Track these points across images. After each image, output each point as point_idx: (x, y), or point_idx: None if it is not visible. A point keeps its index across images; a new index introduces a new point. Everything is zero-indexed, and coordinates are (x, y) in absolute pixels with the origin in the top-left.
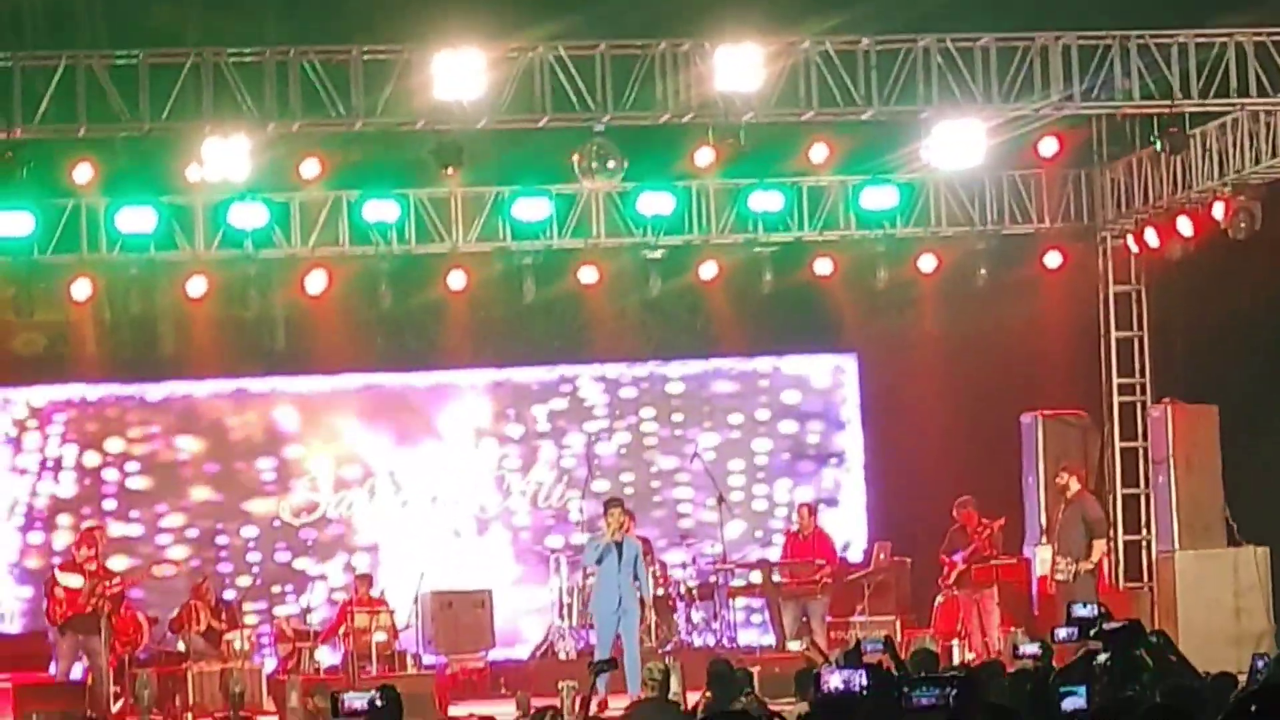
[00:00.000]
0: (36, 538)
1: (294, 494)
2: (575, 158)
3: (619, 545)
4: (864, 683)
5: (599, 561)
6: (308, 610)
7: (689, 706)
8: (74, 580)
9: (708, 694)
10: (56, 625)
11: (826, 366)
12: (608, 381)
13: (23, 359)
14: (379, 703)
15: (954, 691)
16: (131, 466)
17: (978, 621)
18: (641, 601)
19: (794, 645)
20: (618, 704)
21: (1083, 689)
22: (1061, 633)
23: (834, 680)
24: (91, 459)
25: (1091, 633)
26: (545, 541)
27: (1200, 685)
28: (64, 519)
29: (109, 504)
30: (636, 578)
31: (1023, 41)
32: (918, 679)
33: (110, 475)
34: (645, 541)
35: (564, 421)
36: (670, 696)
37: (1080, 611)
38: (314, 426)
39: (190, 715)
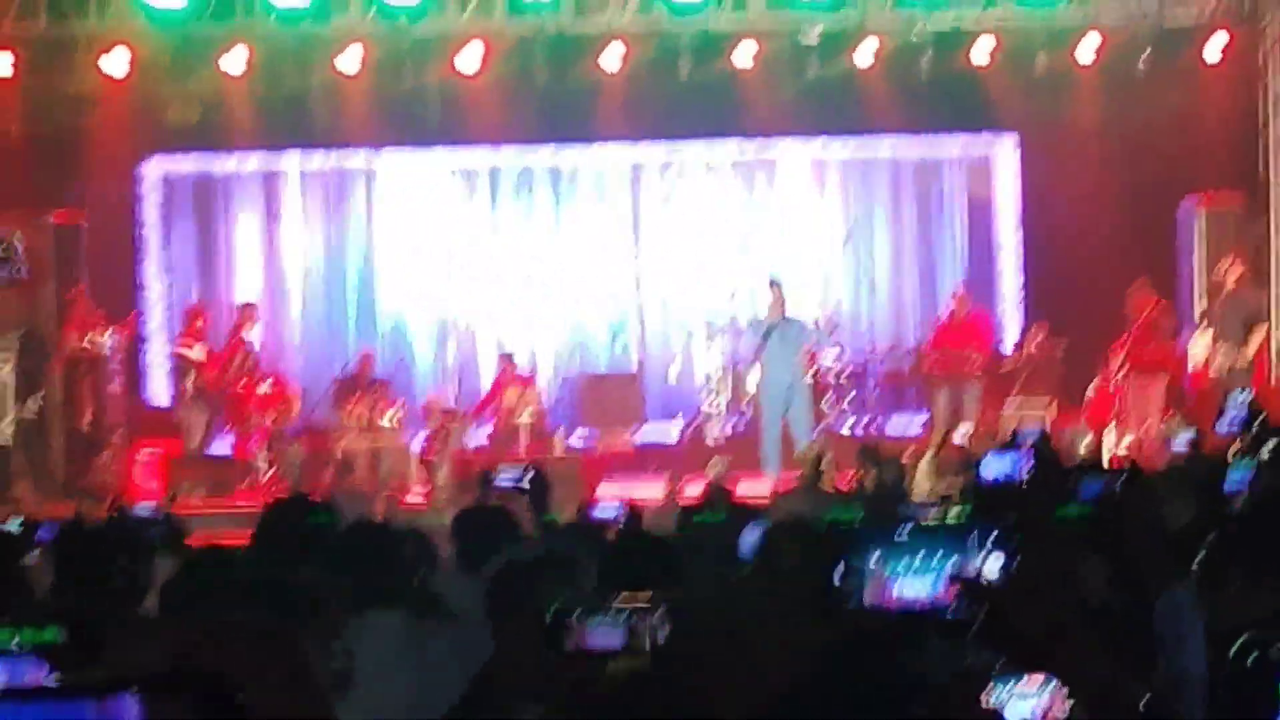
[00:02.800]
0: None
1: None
2: None
3: (782, 324)
4: (1026, 471)
5: (765, 347)
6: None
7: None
8: (197, 353)
9: (862, 474)
10: (183, 400)
11: (985, 149)
12: (758, 162)
13: (176, 129)
14: (526, 484)
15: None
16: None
17: (1144, 407)
18: None
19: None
20: (751, 486)
21: (1247, 466)
22: (1222, 424)
23: (995, 466)
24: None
25: (1256, 424)
26: (697, 320)
27: None
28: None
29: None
30: (799, 354)
31: None
32: (1083, 468)
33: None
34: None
35: (715, 200)
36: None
37: (1239, 399)
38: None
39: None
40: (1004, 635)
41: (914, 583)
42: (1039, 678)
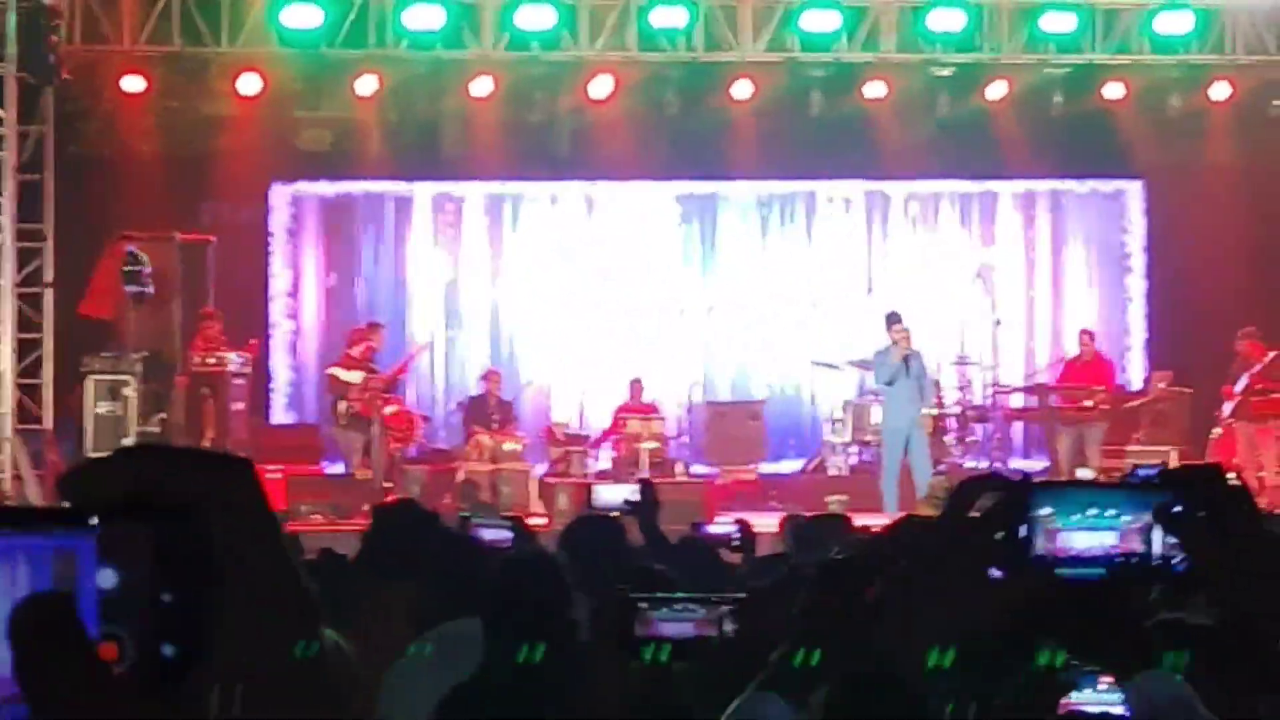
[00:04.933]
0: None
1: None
2: None
3: (906, 360)
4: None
5: (890, 382)
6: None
7: None
8: (353, 376)
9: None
10: (341, 424)
11: (1114, 192)
12: (887, 197)
13: (308, 154)
14: (635, 498)
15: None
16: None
17: (1255, 456)
18: None
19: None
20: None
21: None
22: None
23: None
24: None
25: None
26: (823, 354)
27: None
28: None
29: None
30: (923, 391)
31: None
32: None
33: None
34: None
35: (845, 235)
36: None
37: None
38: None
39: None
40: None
41: (1088, 536)
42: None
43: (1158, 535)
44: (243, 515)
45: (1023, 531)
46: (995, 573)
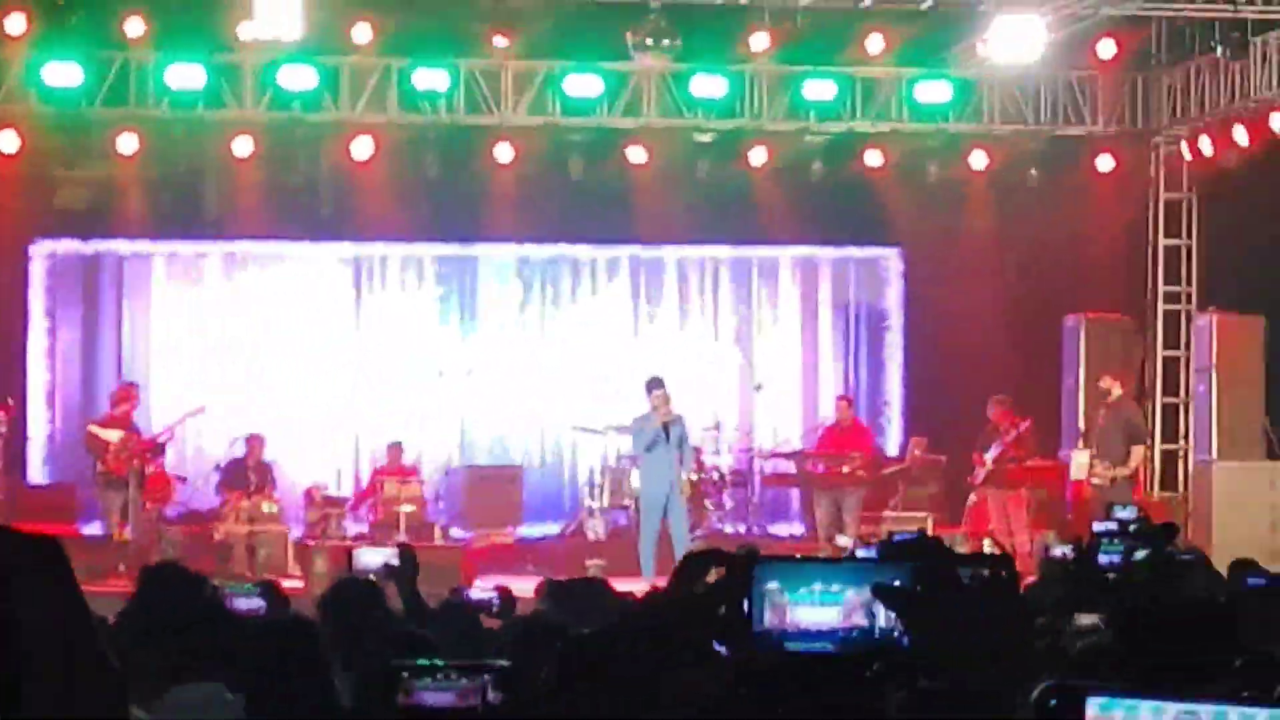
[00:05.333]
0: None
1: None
2: (630, 34)
3: (666, 426)
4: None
5: (649, 448)
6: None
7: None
8: (112, 435)
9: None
10: (100, 483)
11: (873, 258)
12: (648, 262)
13: (67, 212)
14: (394, 561)
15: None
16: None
17: (1006, 523)
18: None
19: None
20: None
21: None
22: (1099, 526)
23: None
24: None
25: (1131, 529)
26: (584, 419)
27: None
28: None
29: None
30: (682, 458)
31: None
32: (964, 556)
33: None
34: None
35: (606, 300)
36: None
37: (1120, 514)
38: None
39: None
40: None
41: (815, 611)
42: None
43: (880, 609)
44: (49, 594)
45: (747, 606)
46: (720, 647)
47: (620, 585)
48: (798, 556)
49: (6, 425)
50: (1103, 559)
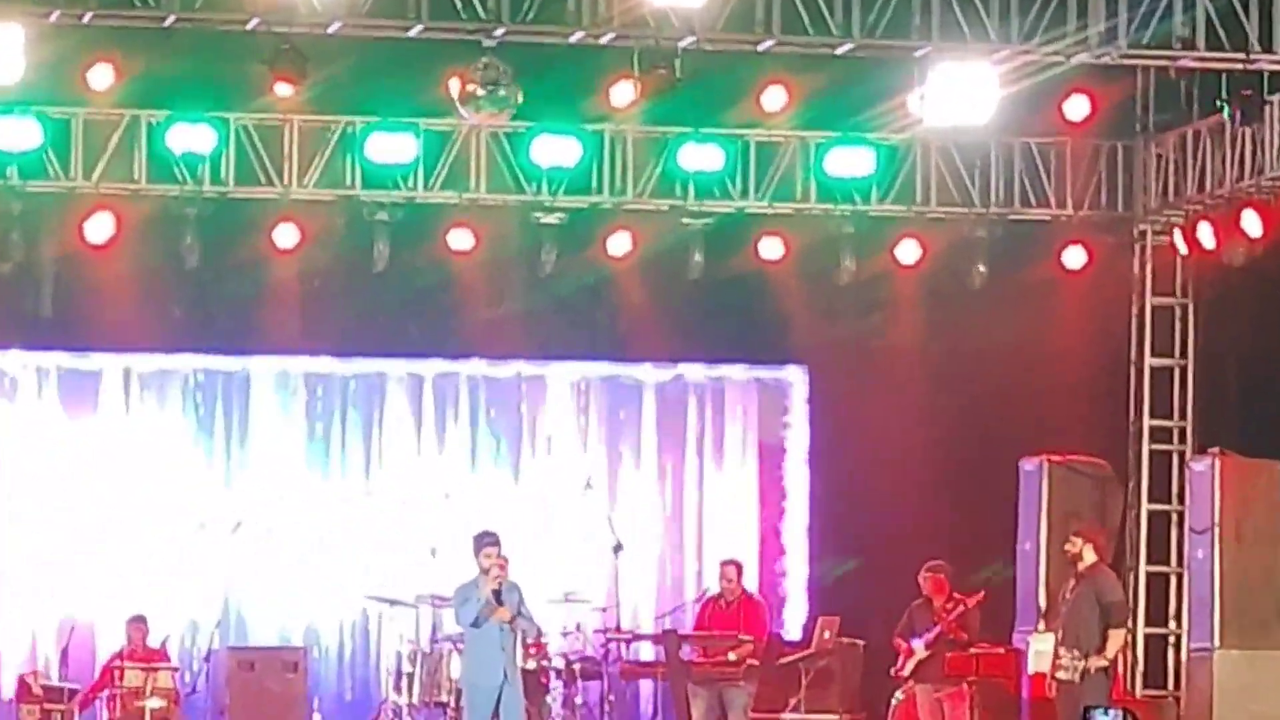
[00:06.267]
0: None
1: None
2: (454, 82)
3: (499, 595)
4: None
5: (476, 624)
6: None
7: None
8: None
9: None
10: None
11: (766, 383)
12: (472, 381)
13: None
14: None
15: None
16: None
17: None
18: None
19: None
20: None
21: None
22: None
23: None
24: None
25: None
26: (386, 586)
27: None
28: None
29: None
30: (520, 636)
31: None
32: None
33: None
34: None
35: (417, 430)
36: None
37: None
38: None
39: None
40: None
41: None
42: None
43: None
44: None
45: None
46: None
47: None
48: None
49: None
50: None
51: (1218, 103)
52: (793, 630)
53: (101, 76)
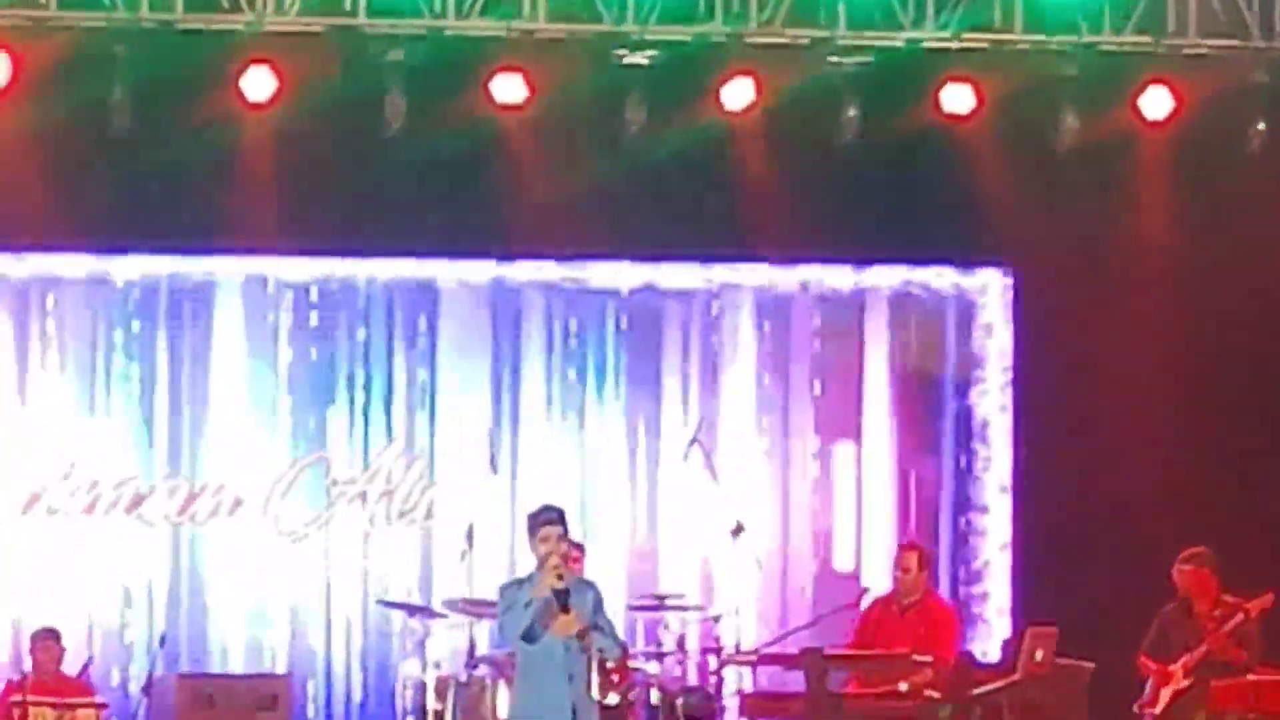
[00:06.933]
0: None
1: None
2: None
3: (562, 597)
4: None
5: (530, 638)
6: None
7: None
8: None
9: None
10: None
11: (946, 293)
12: (511, 290)
13: None
14: None
15: None
16: None
17: None
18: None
19: None
20: None
21: None
22: None
23: None
24: None
25: None
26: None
27: None
28: None
29: None
30: (593, 659)
31: None
32: None
33: None
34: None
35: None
36: None
37: None
38: None
39: None
40: None
41: None
42: None
43: None
44: None
45: None
46: None
47: None
48: None
49: None
50: None
51: None
52: (990, 648)
53: None
